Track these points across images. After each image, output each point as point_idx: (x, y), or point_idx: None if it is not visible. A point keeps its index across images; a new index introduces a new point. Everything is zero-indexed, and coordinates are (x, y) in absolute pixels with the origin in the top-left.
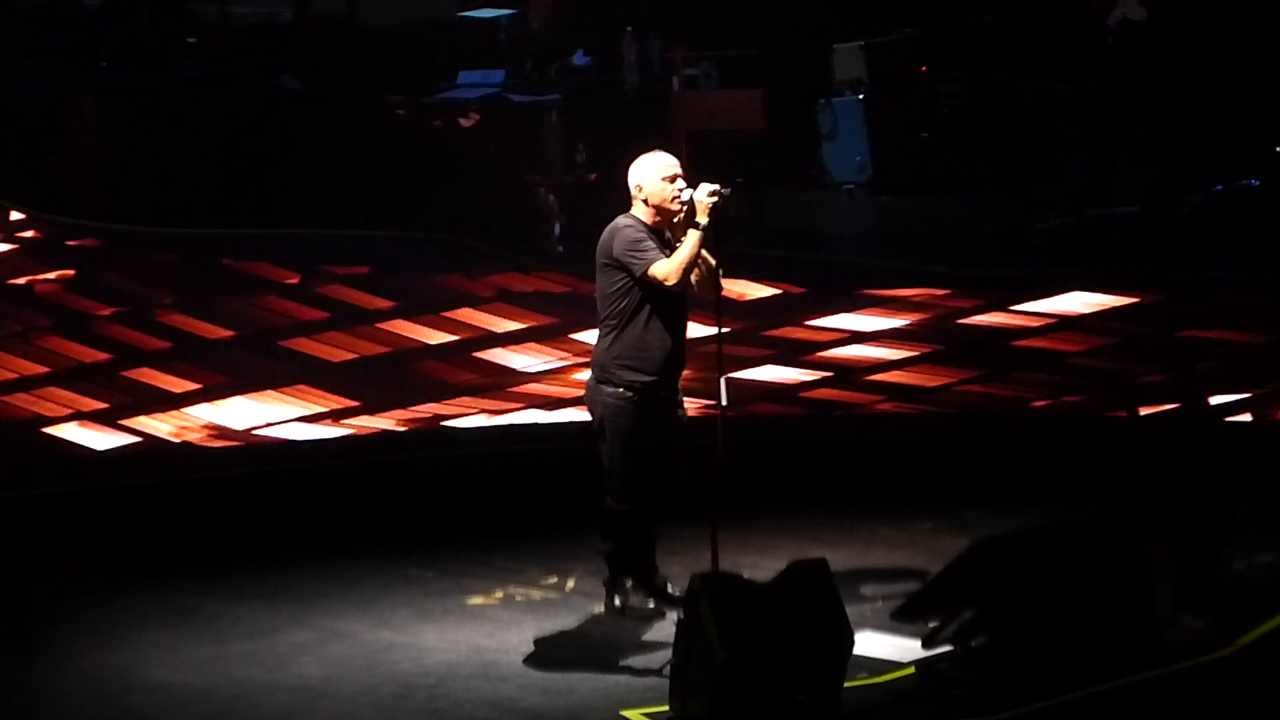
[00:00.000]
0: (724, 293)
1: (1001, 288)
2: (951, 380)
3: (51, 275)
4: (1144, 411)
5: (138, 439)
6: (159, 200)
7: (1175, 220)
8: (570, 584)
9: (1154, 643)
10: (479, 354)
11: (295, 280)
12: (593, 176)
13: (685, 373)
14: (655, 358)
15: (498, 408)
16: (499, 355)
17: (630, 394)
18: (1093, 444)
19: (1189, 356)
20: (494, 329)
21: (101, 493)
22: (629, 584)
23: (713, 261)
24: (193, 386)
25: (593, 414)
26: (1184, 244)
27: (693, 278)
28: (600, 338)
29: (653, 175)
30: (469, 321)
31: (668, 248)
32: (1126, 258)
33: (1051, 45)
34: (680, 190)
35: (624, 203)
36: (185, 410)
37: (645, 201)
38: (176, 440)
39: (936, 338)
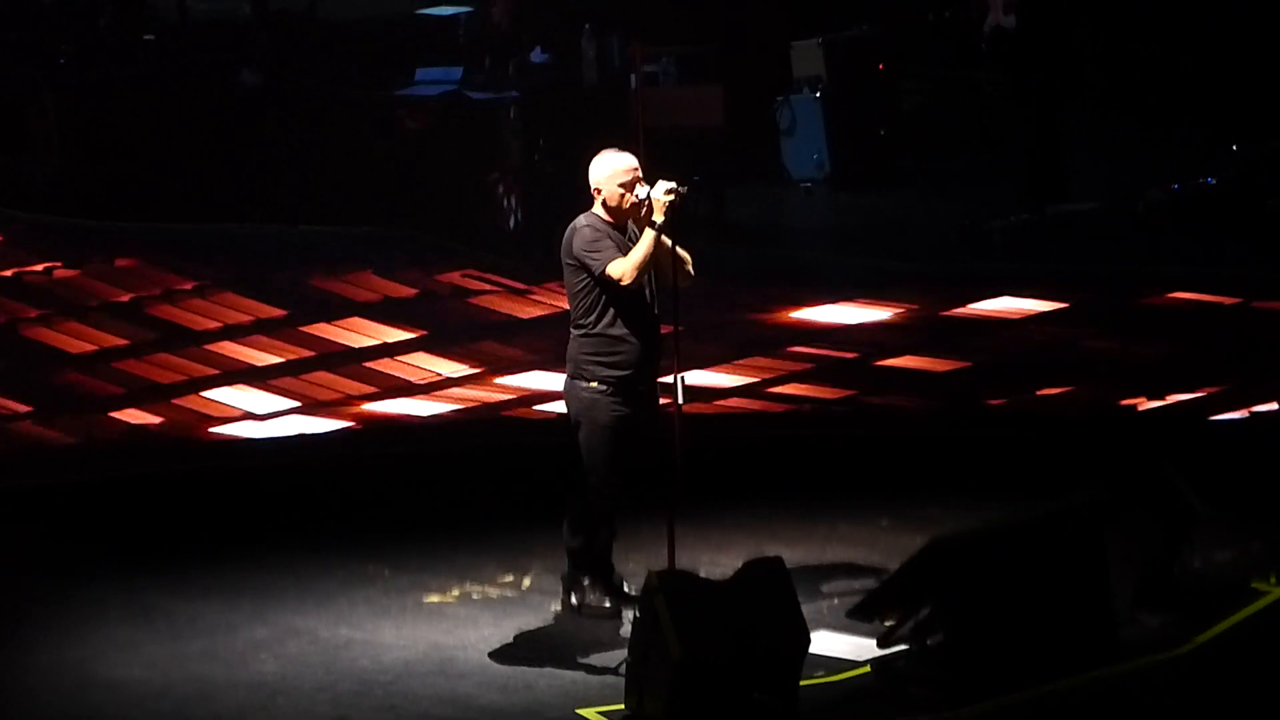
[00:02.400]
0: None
1: (959, 284)
2: (913, 369)
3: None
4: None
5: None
6: (118, 195)
7: (1134, 217)
8: (527, 581)
9: (1111, 640)
10: (437, 352)
11: (253, 276)
12: (550, 172)
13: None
14: (627, 353)
15: (455, 403)
16: (456, 351)
17: (605, 388)
18: (1052, 440)
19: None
20: (450, 324)
21: (59, 488)
22: (587, 581)
23: (684, 254)
24: (151, 380)
25: (569, 410)
26: (1140, 241)
27: (665, 270)
28: (572, 335)
29: (608, 179)
30: (426, 317)
31: (631, 243)
32: (1081, 255)
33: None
34: (637, 197)
35: (582, 199)
36: (145, 405)
37: (604, 202)
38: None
39: (899, 332)
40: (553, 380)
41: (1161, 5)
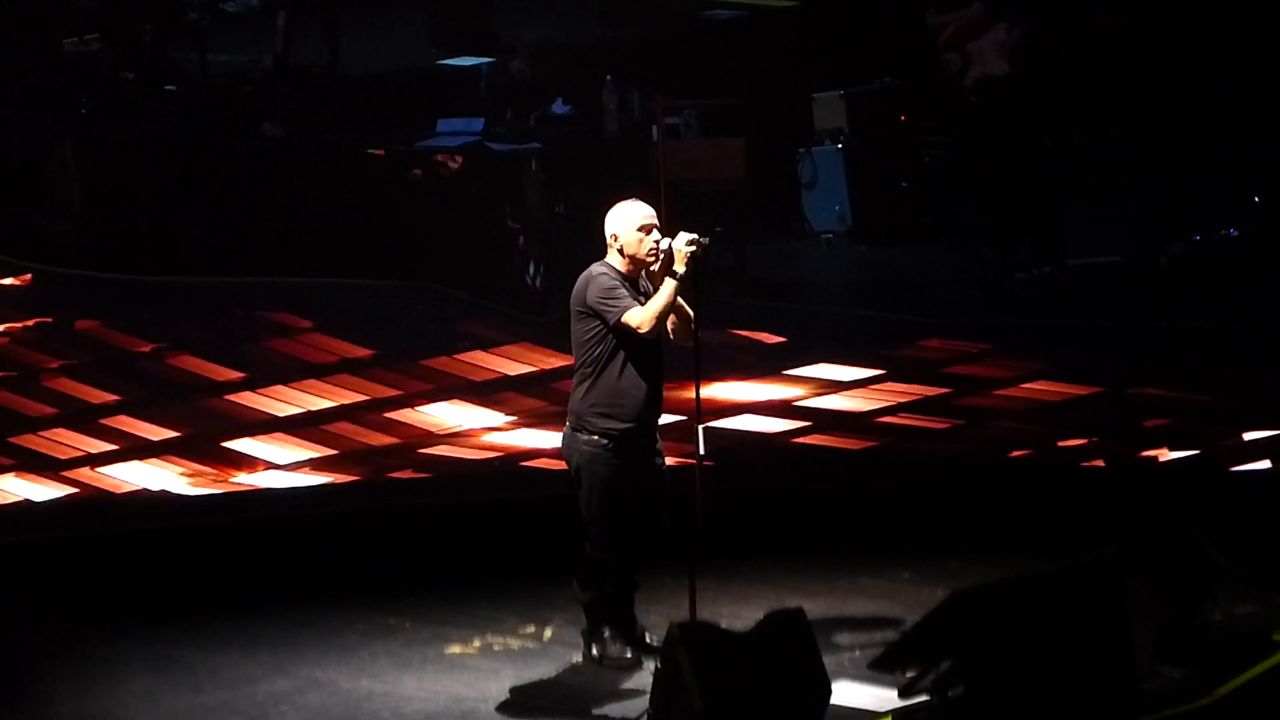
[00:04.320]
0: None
1: (982, 339)
2: (930, 428)
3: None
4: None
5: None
6: (139, 249)
7: (1155, 271)
8: (549, 633)
9: (1133, 693)
10: (454, 402)
11: (276, 328)
12: (571, 226)
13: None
14: (630, 405)
15: (476, 456)
16: (477, 405)
17: (606, 442)
18: (1073, 494)
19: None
20: (472, 378)
21: (81, 541)
22: (607, 633)
23: (690, 311)
24: (169, 435)
25: (569, 463)
26: (1161, 295)
27: (669, 326)
28: (575, 385)
29: (627, 225)
30: (447, 370)
31: (643, 295)
32: (1102, 309)
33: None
34: (655, 243)
35: (603, 251)
36: (162, 458)
37: (620, 251)
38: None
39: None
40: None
41: (1183, 57)
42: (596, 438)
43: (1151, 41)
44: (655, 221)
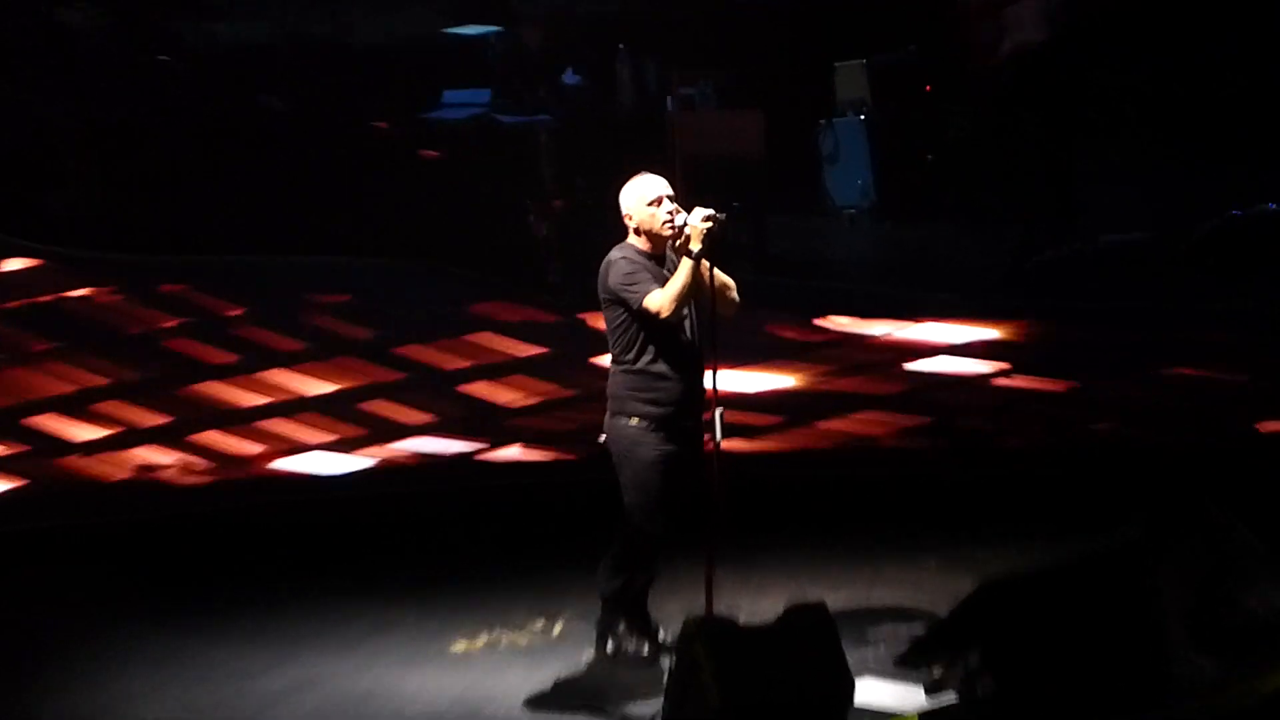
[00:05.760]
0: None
1: (1006, 318)
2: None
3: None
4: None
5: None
6: (141, 227)
7: (1185, 248)
8: (559, 627)
9: (1165, 682)
10: (463, 387)
11: (275, 309)
12: (587, 202)
13: None
14: (668, 389)
15: (484, 442)
16: (486, 389)
17: (647, 424)
18: (1103, 476)
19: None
20: (481, 361)
21: (81, 529)
22: (622, 627)
23: (727, 280)
24: (169, 419)
25: (610, 448)
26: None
27: (707, 301)
28: (612, 371)
29: (637, 200)
30: (455, 352)
31: (671, 273)
32: (1127, 288)
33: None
34: (670, 213)
35: (618, 229)
36: (163, 445)
37: (637, 230)
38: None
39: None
40: None
41: (1214, 25)
42: (637, 421)
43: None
44: (667, 192)
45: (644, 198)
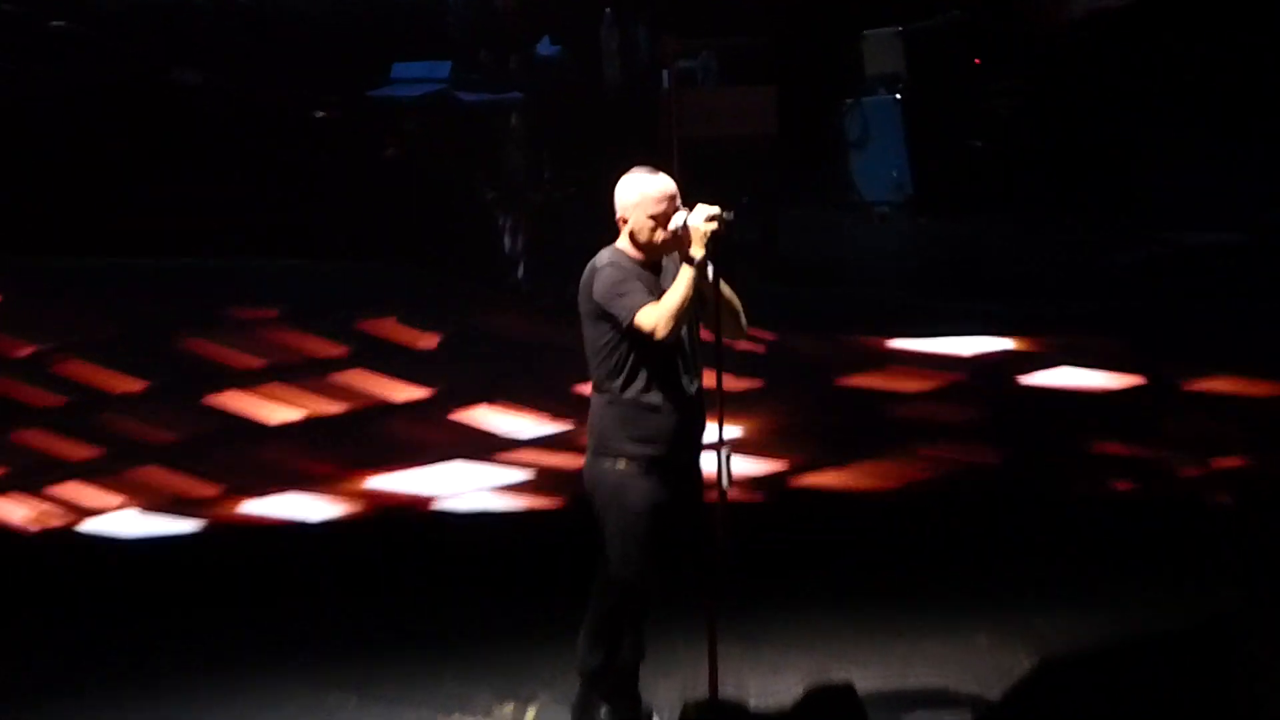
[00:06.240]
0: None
1: (1070, 331)
2: (1007, 453)
3: None
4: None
5: None
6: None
7: None
8: (531, 714)
9: None
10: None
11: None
12: (565, 194)
13: None
14: (663, 424)
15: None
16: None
17: (635, 466)
18: (1190, 528)
19: None
20: (441, 383)
21: None
22: (604, 712)
23: (734, 299)
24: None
25: (592, 494)
26: None
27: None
28: (595, 402)
29: (636, 205)
30: (408, 374)
31: (668, 283)
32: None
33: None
34: (673, 231)
35: (601, 227)
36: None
37: (630, 234)
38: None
39: (990, 398)
40: None
41: None
42: (624, 464)
43: None
44: (676, 203)
45: (646, 200)
